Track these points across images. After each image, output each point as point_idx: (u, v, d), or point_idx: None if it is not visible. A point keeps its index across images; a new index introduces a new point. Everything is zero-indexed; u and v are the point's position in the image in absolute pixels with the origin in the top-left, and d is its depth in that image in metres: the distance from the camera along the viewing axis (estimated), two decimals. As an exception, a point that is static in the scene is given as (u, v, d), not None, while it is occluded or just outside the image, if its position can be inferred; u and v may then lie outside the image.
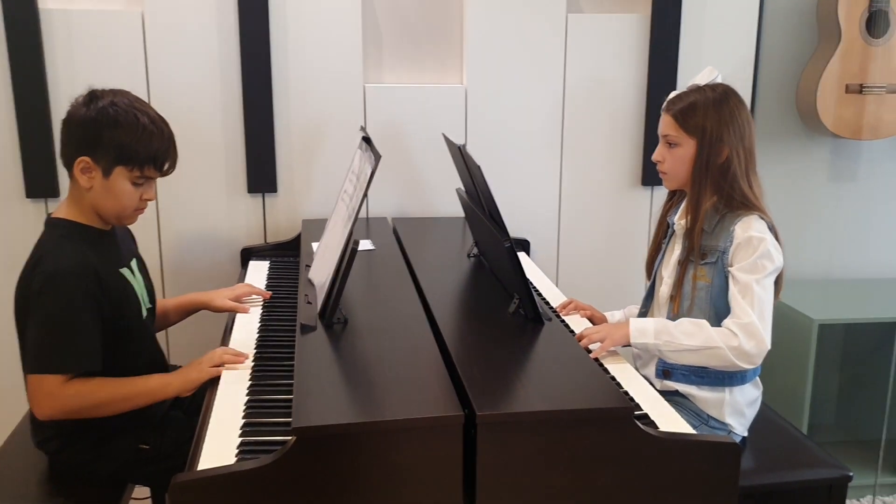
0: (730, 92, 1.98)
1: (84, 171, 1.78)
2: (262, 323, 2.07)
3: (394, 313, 1.89)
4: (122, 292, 1.86)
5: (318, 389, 1.47)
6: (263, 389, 1.69)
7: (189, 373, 1.82)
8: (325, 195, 2.75)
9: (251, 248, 2.68)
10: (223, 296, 2.17)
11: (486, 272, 2.23)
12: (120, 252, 1.93)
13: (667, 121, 2.00)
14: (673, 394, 2.01)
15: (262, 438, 1.50)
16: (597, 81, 2.84)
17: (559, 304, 2.23)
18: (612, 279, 2.98)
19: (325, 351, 1.66)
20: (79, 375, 1.74)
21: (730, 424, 1.98)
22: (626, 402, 1.44)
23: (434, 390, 1.46)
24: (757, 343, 1.83)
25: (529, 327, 1.81)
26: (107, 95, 1.81)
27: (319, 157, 2.74)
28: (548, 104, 2.83)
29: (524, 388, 1.49)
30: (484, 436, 1.38)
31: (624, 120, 2.88)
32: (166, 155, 1.85)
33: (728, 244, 1.92)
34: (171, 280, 2.74)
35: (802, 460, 1.99)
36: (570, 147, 2.87)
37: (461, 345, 1.68)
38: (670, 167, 2.00)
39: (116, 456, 1.87)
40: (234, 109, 2.66)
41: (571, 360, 1.64)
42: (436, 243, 2.54)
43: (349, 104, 2.72)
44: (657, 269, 2.12)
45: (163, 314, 2.15)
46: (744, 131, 1.95)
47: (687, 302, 1.98)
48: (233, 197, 2.72)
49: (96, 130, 1.76)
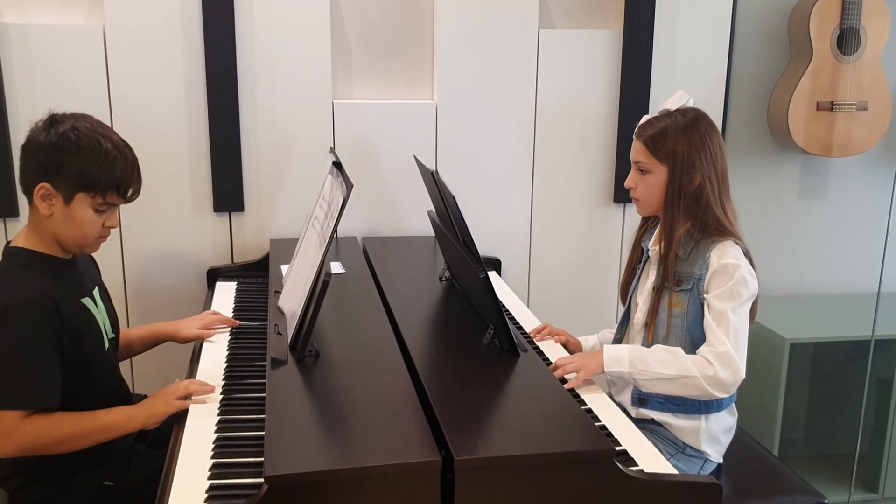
0: (700, 117, 1.96)
1: (44, 198, 1.71)
2: (230, 352, 2.01)
3: (366, 344, 1.84)
4: (84, 323, 1.80)
5: (291, 432, 1.43)
6: (232, 426, 1.64)
7: (154, 405, 1.76)
8: (294, 214, 2.70)
9: (218, 268, 2.61)
10: (189, 325, 2.11)
11: (458, 296, 2.19)
12: (81, 281, 1.87)
13: (638, 147, 1.97)
14: (648, 422, 1.99)
15: (232, 482, 1.45)
16: (569, 97, 2.81)
17: (533, 329, 2.20)
18: (584, 298, 2.96)
19: (296, 389, 1.61)
20: (38, 411, 1.68)
21: (706, 452, 1.97)
22: (606, 444, 1.41)
23: (410, 432, 1.42)
24: (732, 372, 1.81)
25: (505, 359, 1.77)
26: (68, 120, 1.75)
27: (287, 176, 2.68)
28: (519, 120, 2.80)
29: (502, 428, 1.45)
30: (462, 481, 1.34)
31: (596, 137, 2.86)
32: (130, 181, 1.79)
33: (704, 271, 1.90)
34: (135, 302, 2.67)
35: (777, 487, 1.98)
36: (541, 164, 2.85)
37: (436, 380, 1.64)
38: (643, 194, 1.98)
39: (79, 493, 1.81)
40: (199, 126, 2.59)
41: (549, 397, 1.61)
42: (407, 265, 2.50)
43: (318, 121, 2.67)
44: (632, 295, 2.10)
45: (126, 344, 2.09)
46: (716, 156, 1.93)
47: (662, 329, 1.96)
48: (199, 216, 2.66)
49: (57, 156, 1.70)
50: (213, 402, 1.75)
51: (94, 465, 1.81)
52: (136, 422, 1.75)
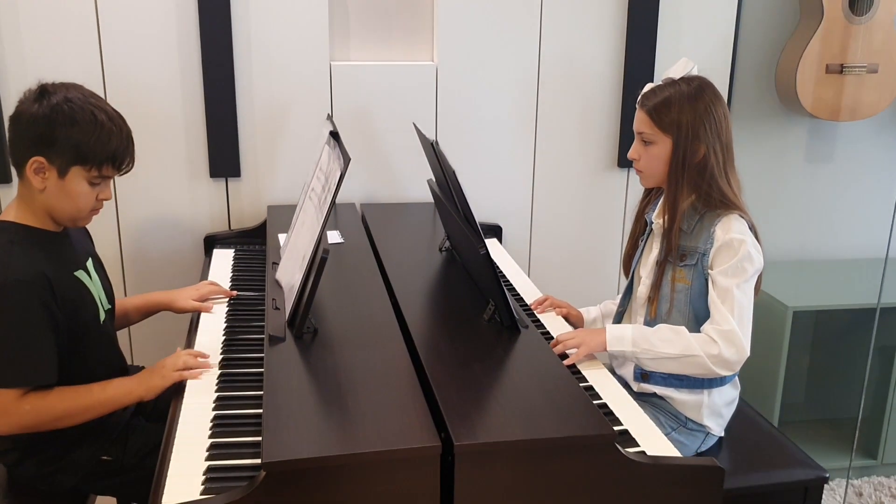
0: (705, 85, 1.90)
1: (37, 172, 1.67)
2: (227, 324, 1.99)
3: (365, 320, 1.82)
4: (78, 297, 1.77)
5: (288, 416, 1.40)
6: (230, 403, 1.63)
7: (151, 378, 1.74)
8: (291, 180, 2.65)
9: (215, 235, 2.58)
10: (186, 296, 2.09)
11: (458, 268, 2.16)
12: (75, 253, 1.84)
13: (641, 117, 1.92)
14: (650, 395, 1.98)
15: (230, 463, 1.44)
16: (572, 60, 2.75)
17: (534, 300, 2.17)
18: (587, 264, 2.92)
19: (294, 369, 1.58)
20: (35, 389, 1.66)
21: (707, 426, 1.96)
22: (608, 428, 1.39)
23: (409, 415, 1.40)
24: (737, 350, 1.80)
25: (505, 336, 1.75)
26: (59, 90, 1.70)
27: (284, 140, 2.63)
28: (522, 83, 2.74)
29: (502, 411, 1.43)
30: (462, 466, 1.33)
31: (600, 100, 2.80)
32: (125, 153, 1.75)
33: (708, 246, 1.86)
34: (131, 269, 2.64)
35: (778, 461, 1.97)
36: (544, 128, 2.79)
37: (436, 359, 1.61)
38: (646, 165, 1.93)
39: (77, 468, 1.80)
40: (194, 89, 2.53)
41: (550, 377, 1.58)
42: (406, 234, 2.46)
43: (315, 83, 2.60)
44: (635, 268, 2.07)
45: (123, 314, 2.06)
46: (720, 127, 1.88)
47: (665, 304, 1.93)
48: (194, 182, 2.61)
49: (50, 129, 1.65)
50: (211, 377, 1.73)
51: (91, 439, 1.80)
52: (134, 395, 1.74)
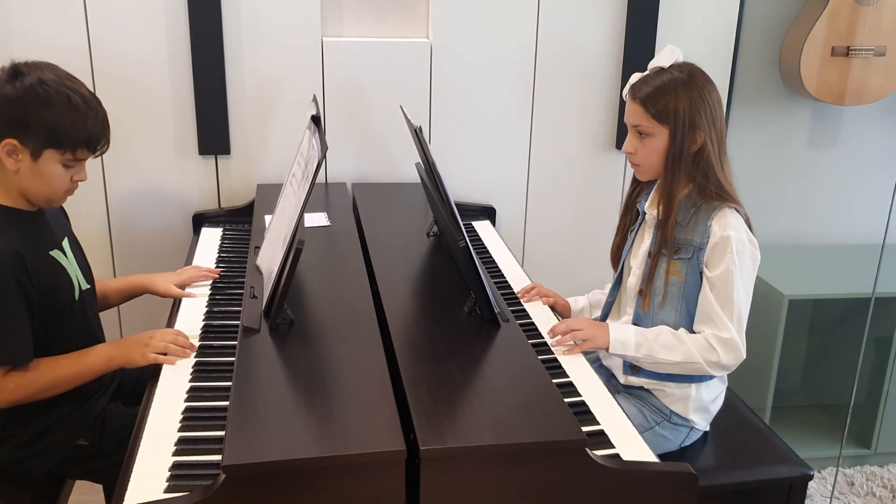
0: (696, 71, 1.84)
1: (10, 154, 1.65)
2: (208, 308, 1.97)
3: (343, 310, 1.79)
4: (53, 276, 1.76)
5: (254, 414, 1.38)
6: (203, 395, 1.61)
7: (132, 353, 1.75)
8: (282, 158, 2.61)
9: (204, 213, 2.56)
10: (168, 280, 2.07)
11: (444, 255, 2.12)
12: (51, 233, 1.82)
13: (634, 109, 1.86)
14: (637, 387, 1.95)
15: (196, 459, 1.42)
16: (571, 38, 2.68)
17: (522, 288, 2.14)
18: (582, 247, 2.88)
19: (265, 363, 1.56)
20: (14, 367, 1.66)
21: (692, 420, 1.93)
22: (579, 434, 1.36)
23: (377, 417, 1.37)
24: (735, 356, 1.80)
25: (484, 331, 1.71)
26: (33, 71, 1.67)
27: (275, 117, 2.58)
28: (518, 62, 2.68)
29: (473, 413, 1.40)
30: (428, 470, 1.30)
31: (599, 80, 2.74)
32: (101, 137, 1.73)
33: (704, 240, 1.82)
34: (119, 245, 2.62)
35: (763, 457, 1.94)
36: (541, 108, 2.73)
37: (411, 354, 1.58)
38: (643, 159, 1.88)
39: (54, 452, 1.79)
40: (182, 65, 2.48)
41: (525, 376, 1.55)
42: (395, 218, 2.41)
43: (306, 60, 2.55)
44: (625, 258, 2.03)
45: (102, 296, 2.04)
46: (715, 113, 1.83)
47: (658, 297, 1.89)
48: (183, 159, 2.57)
49: (24, 111, 1.62)
50: (187, 365, 1.72)
51: (68, 424, 1.80)
52: (115, 363, 1.77)
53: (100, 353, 1.77)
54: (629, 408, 1.92)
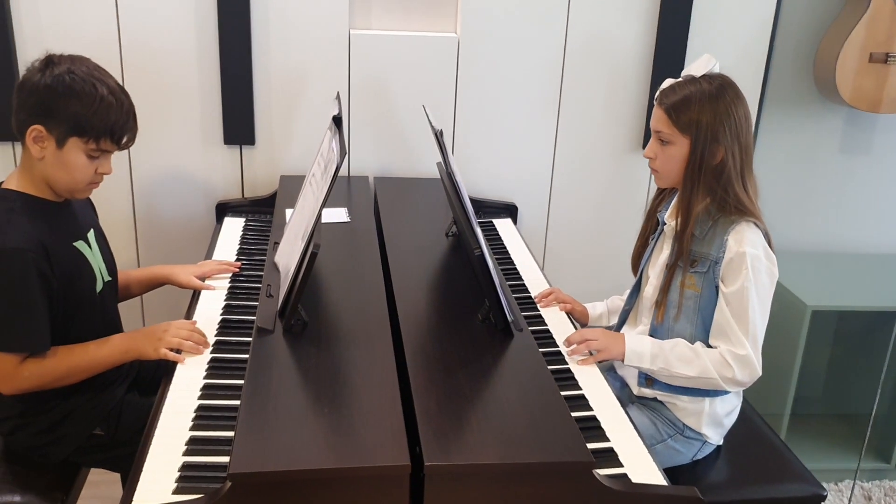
0: (727, 85, 1.81)
1: (36, 141, 1.68)
2: (226, 302, 1.98)
3: (357, 312, 1.79)
4: (75, 267, 1.79)
5: (262, 421, 1.39)
6: (216, 393, 1.63)
7: (146, 345, 1.78)
8: (306, 149, 2.61)
9: (227, 202, 2.57)
10: (188, 271, 2.09)
11: (462, 256, 2.11)
12: (76, 224, 1.84)
13: (659, 115, 1.84)
14: (650, 399, 1.94)
15: (206, 460, 1.44)
16: (601, 37, 2.64)
17: (539, 293, 2.13)
18: (605, 249, 2.85)
19: (277, 367, 1.57)
20: (31, 355, 1.69)
21: (705, 434, 1.92)
22: (586, 455, 1.35)
23: (384, 428, 1.38)
24: (750, 372, 1.79)
25: (497, 340, 1.71)
26: (64, 62, 1.70)
27: (300, 109, 2.58)
28: (547, 59, 2.65)
29: (480, 429, 1.40)
30: (432, 486, 1.31)
31: (628, 79, 2.70)
32: (125, 128, 1.75)
33: (721, 255, 1.80)
34: (143, 231, 2.64)
35: (776, 474, 1.93)
36: (568, 106, 2.70)
37: (422, 363, 1.59)
38: (662, 165, 1.86)
39: (70, 441, 1.83)
40: (210, 55, 2.49)
41: (535, 390, 1.55)
42: (415, 215, 2.41)
43: (333, 52, 2.54)
44: (644, 267, 2.01)
45: (125, 286, 2.07)
46: (741, 129, 1.80)
47: (673, 310, 1.87)
48: (209, 148, 2.58)
49: (51, 99, 1.66)
50: (203, 361, 1.73)
51: (85, 414, 1.83)
52: (129, 355, 1.79)
53: (116, 344, 1.80)
54: (642, 419, 1.91)
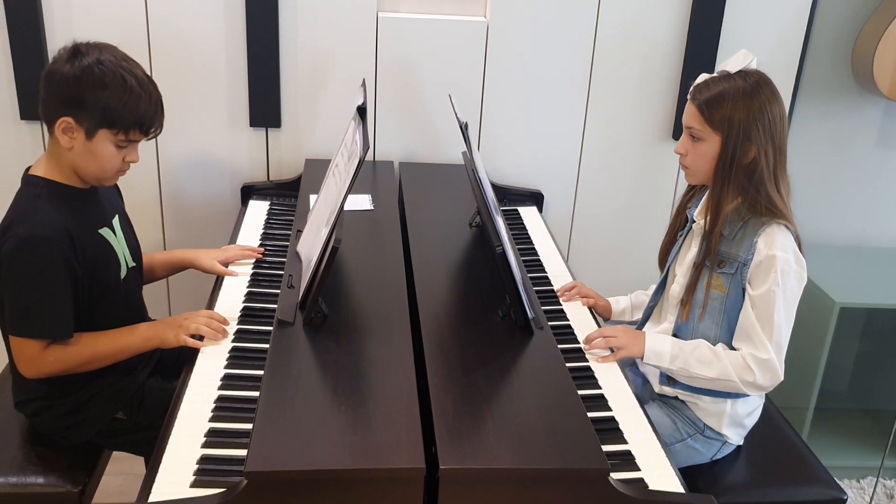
0: (763, 82, 1.77)
1: (65, 132, 1.68)
2: (249, 288, 1.99)
3: (377, 305, 1.79)
4: (100, 254, 1.81)
5: (280, 417, 1.40)
6: (236, 384, 1.63)
7: (167, 332, 1.80)
8: (331, 133, 2.60)
9: (252, 185, 2.57)
10: (212, 256, 2.10)
11: (484, 247, 2.10)
12: (102, 210, 1.86)
13: (691, 111, 1.80)
14: (671, 397, 1.93)
15: (224, 453, 1.45)
16: (633, 23, 2.59)
17: (562, 286, 2.11)
18: (631, 240, 2.82)
19: (296, 362, 1.57)
20: (55, 342, 1.71)
21: (726, 435, 1.90)
22: (602, 462, 1.34)
23: (400, 428, 1.38)
24: (772, 377, 1.76)
25: (517, 338, 1.70)
26: (92, 52, 1.69)
27: (327, 92, 2.57)
28: (577, 45, 2.60)
29: (496, 432, 1.39)
30: (446, 489, 1.31)
31: (660, 68, 2.65)
32: (153, 119, 1.76)
33: (749, 257, 1.77)
34: (169, 211, 2.65)
35: (796, 476, 1.91)
36: (597, 93, 2.66)
37: (440, 361, 1.58)
38: (693, 162, 1.83)
39: (92, 424, 1.85)
40: (237, 37, 2.47)
41: (553, 392, 1.54)
42: (439, 202, 2.39)
43: (361, 35, 2.52)
44: (671, 264, 1.98)
45: (149, 269, 2.09)
46: (775, 128, 1.76)
47: (698, 310, 1.85)
48: (235, 130, 2.58)
49: (80, 90, 1.66)
50: (224, 350, 1.74)
51: (107, 398, 1.85)
52: (152, 343, 1.81)
53: (139, 332, 1.82)
54: (662, 418, 1.90)
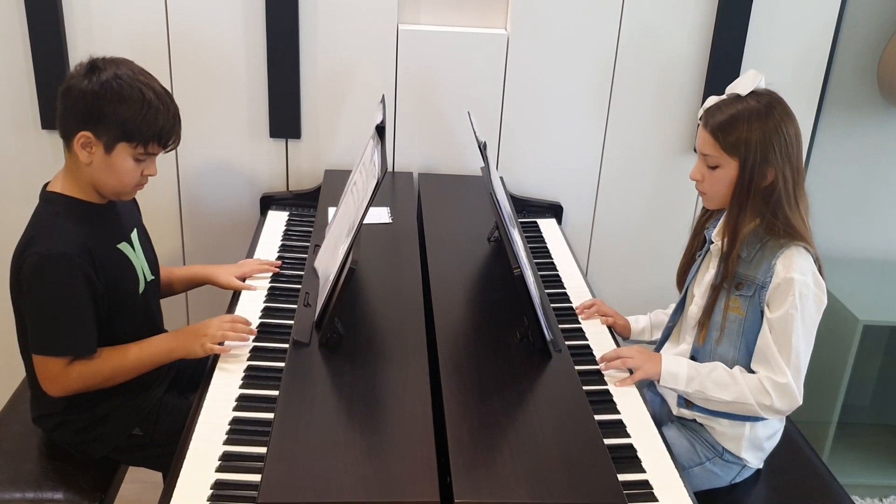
0: (775, 102, 1.74)
1: (84, 147, 1.69)
2: (266, 304, 1.99)
3: (394, 326, 1.78)
4: (119, 269, 1.82)
5: (293, 444, 1.40)
6: (251, 405, 1.63)
7: (192, 345, 1.80)
8: (350, 144, 2.59)
9: (272, 195, 2.57)
10: (229, 272, 2.10)
11: (503, 264, 2.08)
12: (120, 225, 1.87)
13: (704, 137, 1.78)
14: (690, 420, 1.91)
15: (238, 478, 1.44)
16: (655, 36, 2.56)
17: (581, 304, 2.09)
18: (649, 253, 2.80)
19: (310, 385, 1.57)
20: (78, 358, 1.72)
21: (745, 459, 1.88)
22: (619, 497, 1.33)
23: (416, 458, 1.37)
24: (790, 401, 1.74)
25: (535, 362, 1.69)
26: (109, 66, 1.70)
27: (347, 103, 2.56)
28: (598, 57, 2.58)
29: (512, 463, 1.38)
30: (460, 522, 1.30)
31: (682, 81, 2.62)
32: (171, 132, 1.77)
33: (767, 279, 1.74)
34: (189, 221, 2.66)
35: (816, 502, 1.89)
36: (618, 105, 2.64)
37: (457, 385, 1.57)
38: (710, 188, 1.80)
39: (109, 440, 1.86)
40: (257, 47, 2.47)
41: (570, 420, 1.52)
42: (457, 216, 2.37)
43: (381, 47, 2.51)
44: (689, 285, 1.96)
45: (167, 284, 2.09)
46: (791, 148, 1.72)
47: (716, 332, 1.83)
48: (254, 140, 2.58)
49: (99, 105, 1.66)
50: (239, 367, 1.74)
51: (124, 413, 1.86)
52: (175, 355, 1.82)
53: (160, 344, 1.82)
54: (680, 440, 1.88)
